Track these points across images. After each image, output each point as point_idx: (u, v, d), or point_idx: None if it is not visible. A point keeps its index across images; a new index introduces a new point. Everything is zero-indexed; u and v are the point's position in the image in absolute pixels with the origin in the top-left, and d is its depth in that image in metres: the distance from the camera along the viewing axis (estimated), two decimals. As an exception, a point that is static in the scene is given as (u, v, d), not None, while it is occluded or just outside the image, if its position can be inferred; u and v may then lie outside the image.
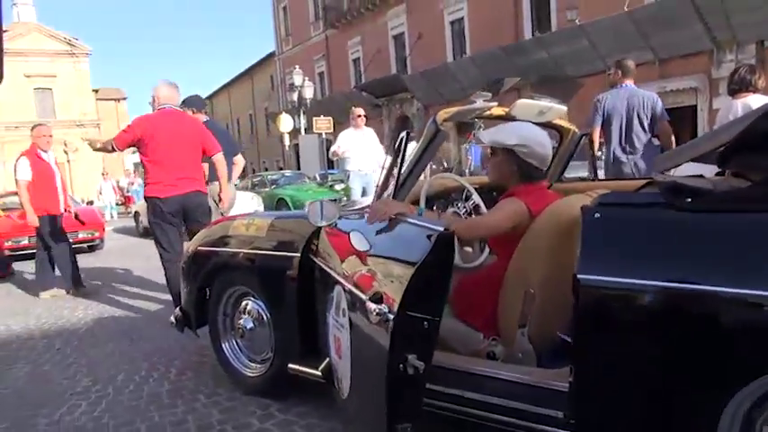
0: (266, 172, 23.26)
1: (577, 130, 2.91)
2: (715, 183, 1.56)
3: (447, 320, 2.16)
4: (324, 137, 17.44)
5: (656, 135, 4.36)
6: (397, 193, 2.04)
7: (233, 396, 2.76)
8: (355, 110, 7.19)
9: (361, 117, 7.08)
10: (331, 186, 12.70)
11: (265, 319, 2.67)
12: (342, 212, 2.25)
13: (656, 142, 4.44)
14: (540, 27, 17.39)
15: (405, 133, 2.00)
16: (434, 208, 2.77)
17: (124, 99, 44.06)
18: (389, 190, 2.08)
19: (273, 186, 14.14)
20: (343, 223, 2.20)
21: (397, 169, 2.01)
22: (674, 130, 4.39)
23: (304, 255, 2.41)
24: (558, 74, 14.24)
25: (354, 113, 7.09)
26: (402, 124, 2.16)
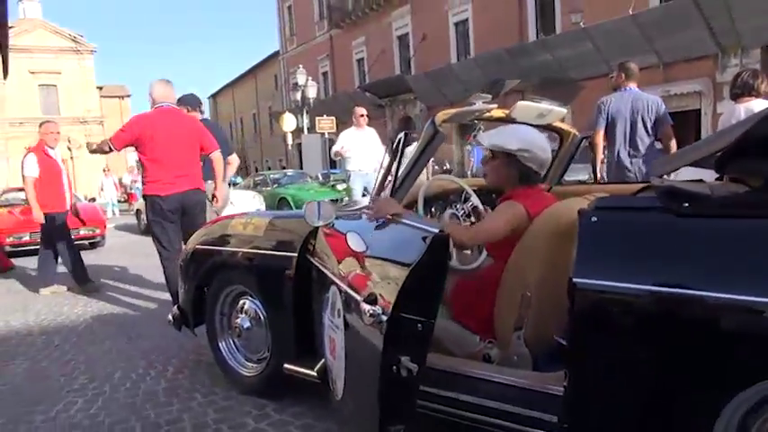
0: (269, 171, 23.28)
1: (577, 132, 2.91)
2: (712, 188, 1.55)
3: (443, 322, 2.16)
4: (326, 136, 17.44)
5: (658, 138, 4.35)
6: (394, 194, 2.03)
7: (229, 395, 2.76)
8: (358, 109, 7.16)
9: (364, 116, 7.07)
10: (333, 186, 12.70)
11: (262, 318, 2.67)
12: (339, 213, 2.24)
13: (658, 146, 4.43)
14: (545, 29, 17.39)
15: (403, 134, 1.99)
16: (433, 210, 2.77)
17: (128, 96, 44.16)
18: (386, 191, 2.07)
19: (275, 185, 14.16)
20: (341, 224, 2.19)
21: (395, 170, 2.01)
22: (678, 134, 4.38)
23: (301, 255, 2.41)
24: (562, 76, 14.22)
25: (357, 113, 7.07)
26: (405, 125, 2.16)
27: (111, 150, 4.07)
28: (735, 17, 11.58)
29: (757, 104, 3.60)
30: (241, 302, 2.78)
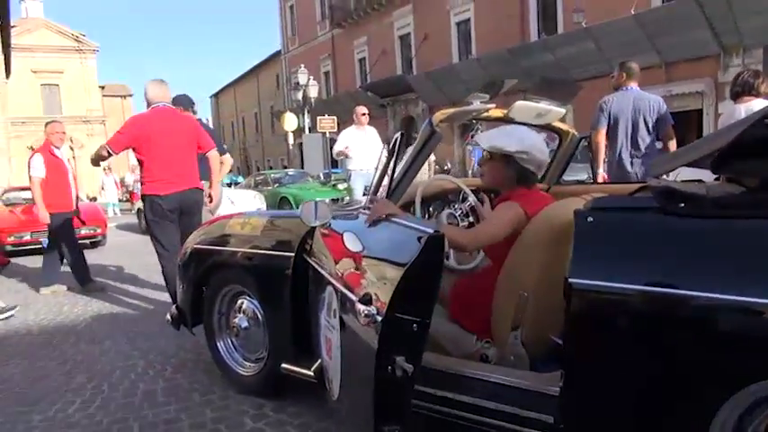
0: (270, 170, 23.27)
1: (576, 132, 2.90)
2: (709, 188, 1.54)
3: (441, 322, 2.16)
4: (328, 136, 17.43)
5: (659, 138, 4.34)
6: (391, 195, 2.03)
7: (227, 395, 2.76)
8: (359, 108, 7.13)
9: (366, 115, 7.05)
10: (334, 185, 12.68)
11: (260, 318, 2.67)
12: (335, 213, 2.24)
13: (659, 145, 4.42)
14: (547, 29, 17.36)
15: (399, 134, 1.99)
16: (431, 210, 2.77)
17: (130, 96, 44.23)
18: (383, 191, 2.07)
19: (276, 185, 14.16)
20: (337, 224, 2.19)
21: (391, 170, 2.00)
22: (680, 134, 4.37)
23: (298, 254, 2.41)
24: (562, 76, 14.19)
25: (358, 111, 7.03)
26: (408, 125, 2.16)
27: (110, 155, 4.05)
28: (737, 17, 11.55)
29: (757, 104, 3.58)
30: (239, 302, 2.79)
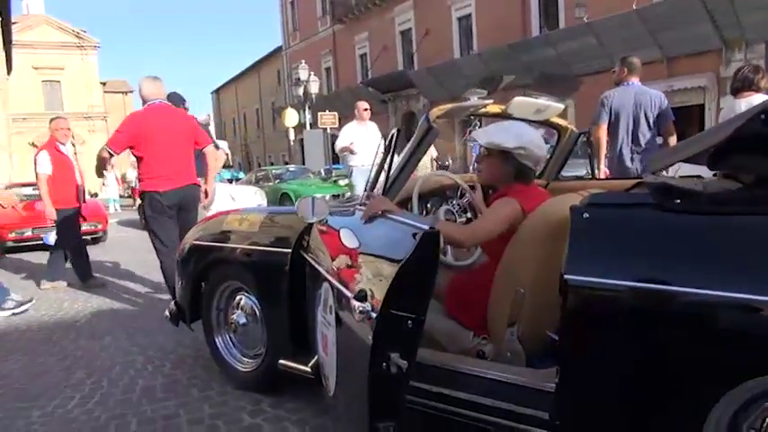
0: (271, 166, 23.26)
1: (575, 128, 2.89)
2: (705, 184, 1.53)
3: (438, 318, 2.16)
4: (329, 132, 17.40)
5: (660, 134, 4.32)
6: (387, 191, 2.03)
7: (225, 391, 2.77)
8: (361, 103, 7.07)
9: (368, 110, 7.01)
10: (335, 181, 12.67)
11: (258, 314, 2.67)
12: (333, 209, 2.24)
13: (659, 141, 4.40)
14: (548, 24, 17.30)
15: (395, 130, 1.98)
16: (429, 206, 2.76)
17: (131, 92, 44.20)
18: (379, 187, 2.07)
19: (277, 181, 14.14)
20: (334, 220, 2.19)
21: (388, 166, 2.00)
22: (682, 129, 4.35)
23: (295, 251, 2.40)
24: (563, 71, 14.16)
25: (360, 107, 6.97)
26: (408, 121, 2.15)
27: (112, 155, 4.06)
28: (739, 11, 11.49)
29: (757, 99, 3.56)
30: (237, 298, 2.79)
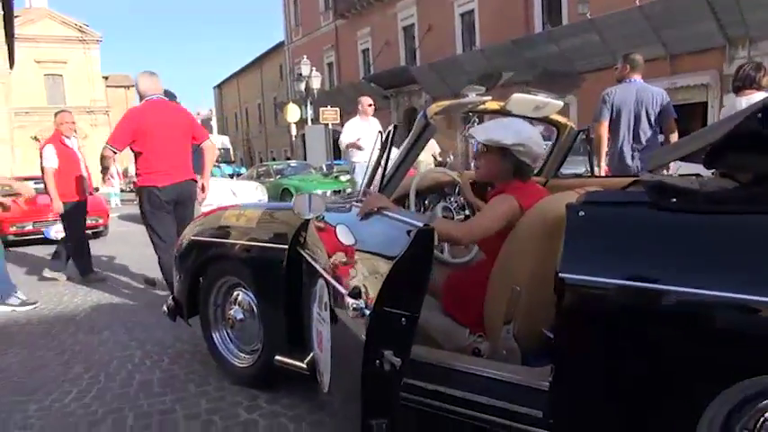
0: (272, 162, 23.26)
1: (574, 126, 2.88)
2: (702, 183, 1.53)
3: (434, 315, 2.16)
4: (330, 127, 17.39)
5: (662, 132, 4.30)
6: (384, 188, 2.02)
7: (222, 386, 2.77)
8: (365, 99, 7.01)
9: (372, 106, 6.97)
10: (336, 177, 12.67)
11: (255, 310, 2.67)
12: (329, 205, 2.23)
13: (662, 138, 4.39)
14: (551, 20, 17.23)
15: (392, 126, 1.97)
16: (426, 202, 2.75)
17: (133, 86, 44.08)
18: (376, 184, 2.06)
19: (279, 176, 14.15)
20: (331, 216, 2.18)
21: (384, 163, 1.99)
22: (685, 127, 4.32)
23: (292, 247, 2.40)
24: (567, 68, 14.11)
25: (364, 102, 6.91)
26: (409, 117, 2.14)
27: (115, 153, 4.05)
28: (743, 9, 11.44)
29: (758, 97, 3.55)
30: (235, 294, 2.79)
